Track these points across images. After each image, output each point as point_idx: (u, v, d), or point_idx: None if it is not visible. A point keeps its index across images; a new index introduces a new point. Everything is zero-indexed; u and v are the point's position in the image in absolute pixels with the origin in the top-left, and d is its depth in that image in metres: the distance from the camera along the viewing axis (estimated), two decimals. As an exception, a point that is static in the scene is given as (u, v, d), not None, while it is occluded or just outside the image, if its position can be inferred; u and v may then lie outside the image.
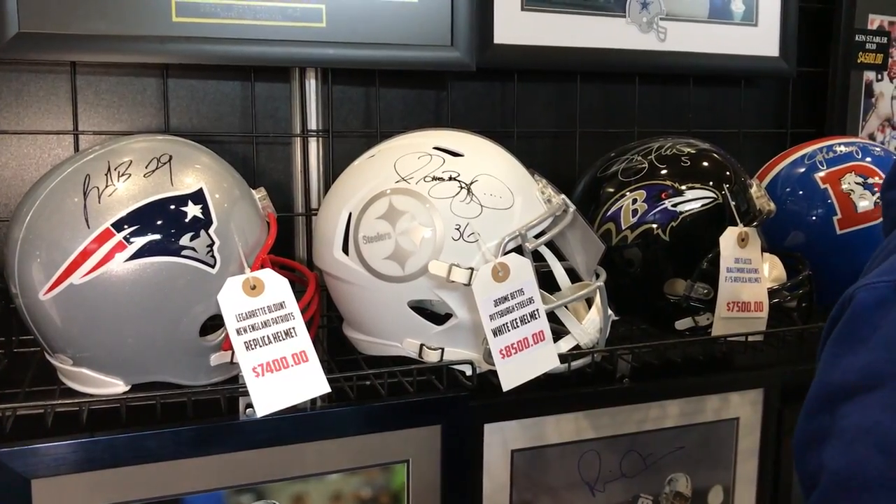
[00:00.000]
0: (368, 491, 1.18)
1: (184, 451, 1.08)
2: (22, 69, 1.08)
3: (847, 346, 0.56)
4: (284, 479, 1.13)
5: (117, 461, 1.05)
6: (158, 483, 1.08)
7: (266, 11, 1.10)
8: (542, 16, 1.27)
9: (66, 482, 1.04)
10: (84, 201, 0.80)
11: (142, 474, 1.06)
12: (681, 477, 1.46)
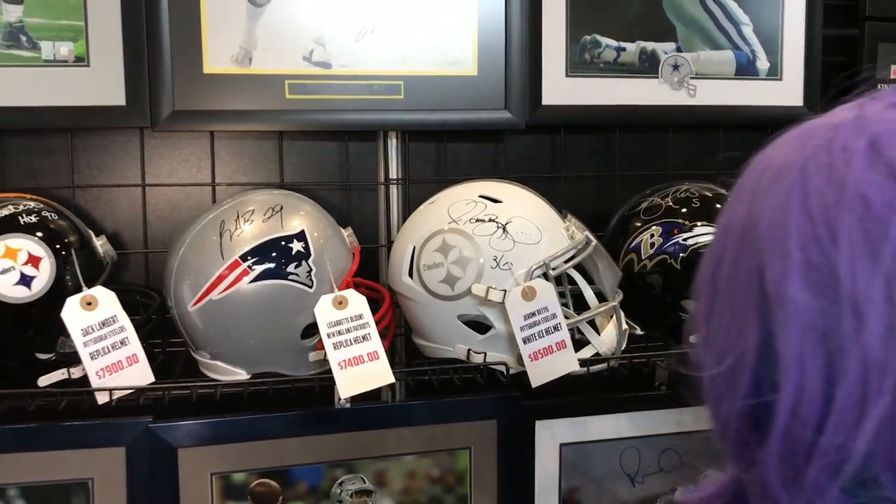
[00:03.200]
0: (437, 472, 1.44)
1: (292, 431, 1.38)
2: (175, 137, 1.42)
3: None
4: (369, 458, 1.41)
5: (241, 437, 1.36)
6: (272, 456, 1.38)
7: (357, 89, 1.40)
8: (584, 80, 1.52)
9: (203, 452, 1.36)
10: (220, 240, 1.12)
11: (259, 448, 1.37)
12: (715, 475, 1.66)
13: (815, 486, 0.44)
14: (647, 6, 1.54)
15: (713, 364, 0.49)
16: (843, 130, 0.47)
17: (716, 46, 1.58)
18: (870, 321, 0.42)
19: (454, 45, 1.43)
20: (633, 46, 1.54)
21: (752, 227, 0.47)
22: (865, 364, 0.42)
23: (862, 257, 0.43)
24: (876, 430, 0.42)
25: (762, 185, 0.48)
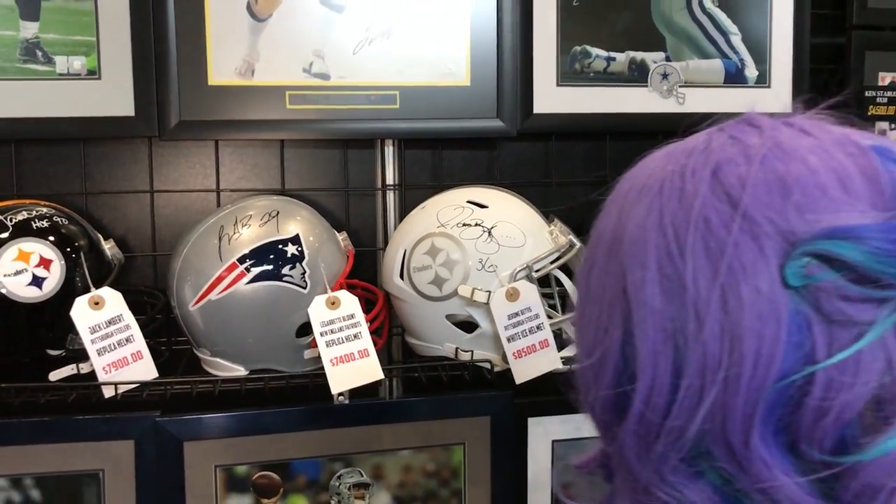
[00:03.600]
0: (432, 466, 1.50)
1: (293, 426, 1.44)
2: (181, 146, 1.49)
3: None
4: (367, 452, 1.47)
5: (244, 431, 1.43)
6: (273, 450, 1.45)
7: (354, 99, 1.47)
8: (575, 89, 1.57)
9: (208, 445, 1.43)
10: (219, 243, 1.19)
11: (262, 442, 1.44)
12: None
13: (660, 458, 0.51)
14: (637, 17, 1.59)
15: (584, 356, 0.56)
16: (694, 157, 0.53)
17: (704, 55, 1.63)
18: (708, 324, 0.48)
19: (448, 57, 1.49)
20: (623, 56, 1.59)
21: (617, 239, 0.54)
22: (703, 359, 0.48)
23: (703, 270, 0.49)
24: (709, 413, 0.49)
25: (628, 202, 0.55)
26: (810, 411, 0.48)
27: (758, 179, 0.50)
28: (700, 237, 0.49)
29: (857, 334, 0.48)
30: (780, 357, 0.47)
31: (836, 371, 0.47)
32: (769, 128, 0.55)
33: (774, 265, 0.48)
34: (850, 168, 0.51)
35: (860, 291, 0.48)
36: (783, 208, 0.49)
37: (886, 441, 0.47)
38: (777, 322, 0.47)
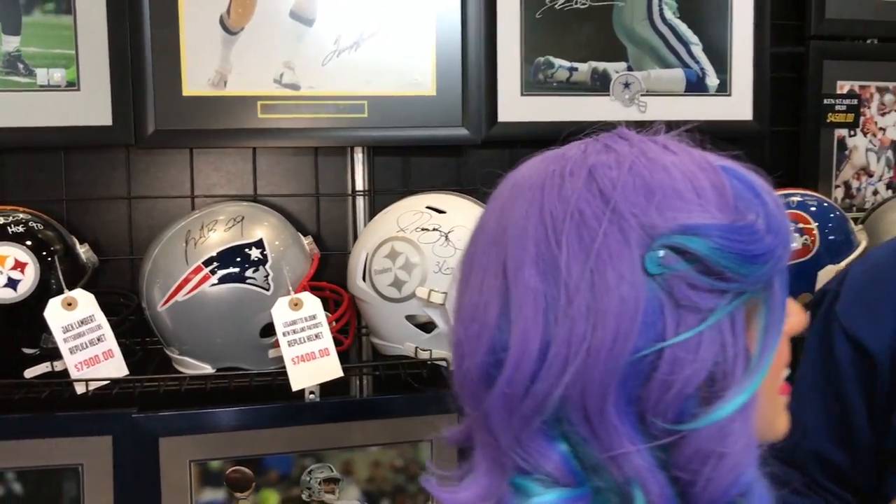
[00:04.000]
0: (400, 462, 1.56)
1: (265, 423, 1.50)
2: (158, 154, 1.55)
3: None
4: (337, 449, 1.53)
5: (218, 428, 1.49)
6: (246, 446, 1.51)
7: (324, 108, 1.53)
8: (538, 98, 1.63)
9: (183, 441, 1.49)
10: (185, 247, 1.25)
11: (235, 438, 1.50)
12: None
13: (522, 422, 0.57)
14: (599, 29, 1.65)
15: (462, 329, 0.61)
16: (572, 161, 0.59)
17: (666, 65, 1.69)
18: (576, 302, 0.55)
19: (414, 68, 1.55)
20: (586, 66, 1.65)
21: (501, 226, 0.60)
22: (570, 333, 0.55)
23: (576, 256, 0.55)
24: (572, 381, 0.55)
25: (512, 196, 0.61)
26: (658, 384, 0.54)
27: (626, 181, 0.56)
28: (575, 227, 0.56)
29: (700, 319, 0.55)
30: (635, 334, 0.54)
31: (681, 350, 0.54)
32: (637, 141, 0.61)
33: (637, 254, 0.55)
34: (703, 180, 0.58)
35: (705, 282, 0.55)
36: (646, 207, 0.55)
37: (716, 412, 0.54)
38: (635, 303, 0.54)
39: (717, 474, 0.55)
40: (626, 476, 0.55)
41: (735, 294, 0.56)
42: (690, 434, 0.54)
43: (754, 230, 0.57)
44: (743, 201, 0.58)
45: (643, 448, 0.55)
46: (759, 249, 0.56)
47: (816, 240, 1.50)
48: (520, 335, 0.56)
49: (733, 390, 0.55)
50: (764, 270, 0.57)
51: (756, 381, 0.56)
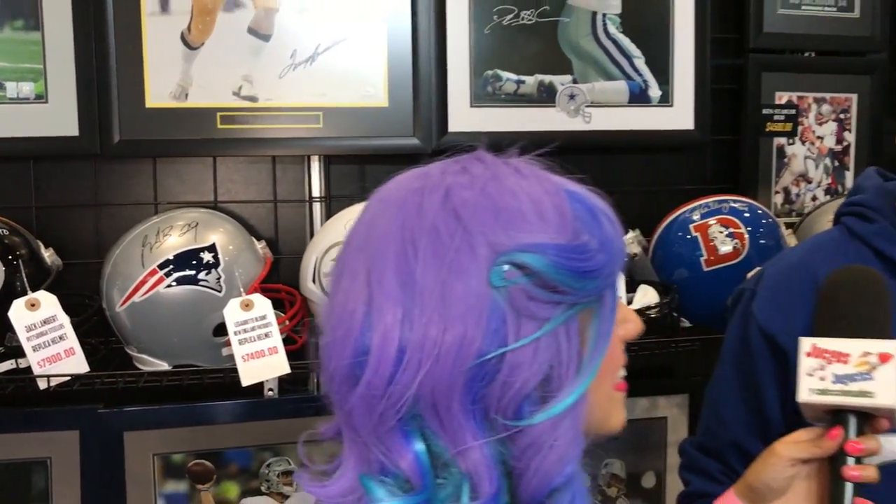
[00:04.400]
0: (355, 455, 1.64)
1: (226, 418, 1.59)
2: (123, 163, 1.63)
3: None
4: (295, 443, 1.61)
5: (180, 423, 1.57)
6: (208, 440, 1.59)
7: (282, 119, 1.61)
8: (487, 109, 1.71)
9: (147, 435, 1.57)
10: (142, 251, 1.34)
11: (197, 433, 1.58)
12: (616, 462, 1.84)
13: (380, 419, 0.62)
14: (545, 43, 1.73)
15: (331, 333, 0.66)
16: (431, 180, 0.66)
17: (610, 77, 1.77)
18: (429, 310, 0.61)
19: (367, 81, 1.63)
20: (532, 79, 1.73)
21: (367, 239, 0.66)
22: (424, 338, 0.61)
23: (430, 268, 0.62)
24: (424, 381, 0.61)
25: (378, 211, 0.67)
26: (500, 385, 0.62)
27: (478, 202, 0.64)
28: (430, 242, 0.63)
29: (537, 327, 0.62)
30: (480, 340, 0.61)
31: (521, 354, 0.61)
32: (492, 164, 0.68)
33: (484, 269, 0.62)
34: (546, 203, 0.65)
35: (542, 294, 0.62)
36: (494, 226, 0.63)
37: (550, 409, 0.62)
38: (481, 312, 0.61)
39: (546, 463, 0.62)
40: (466, 469, 0.62)
41: (569, 305, 0.64)
42: (527, 428, 0.62)
43: (587, 249, 0.64)
44: (581, 222, 0.65)
45: (485, 442, 0.62)
46: (591, 266, 0.64)
47: (747, 244, 1.58)
48: (379, 340, 0.62)
49: (566, 390, 0.63)
50: (595, 285, 0.65)
51: (586, 382, 0.64)
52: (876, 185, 1.15)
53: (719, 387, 1.22)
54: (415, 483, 0.64)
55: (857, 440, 0.85)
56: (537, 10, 1.72)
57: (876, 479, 0.85)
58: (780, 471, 0.89)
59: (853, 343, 0.86)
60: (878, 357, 0.84)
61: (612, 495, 1.83)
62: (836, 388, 0.85)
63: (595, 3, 1.75)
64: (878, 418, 0.86)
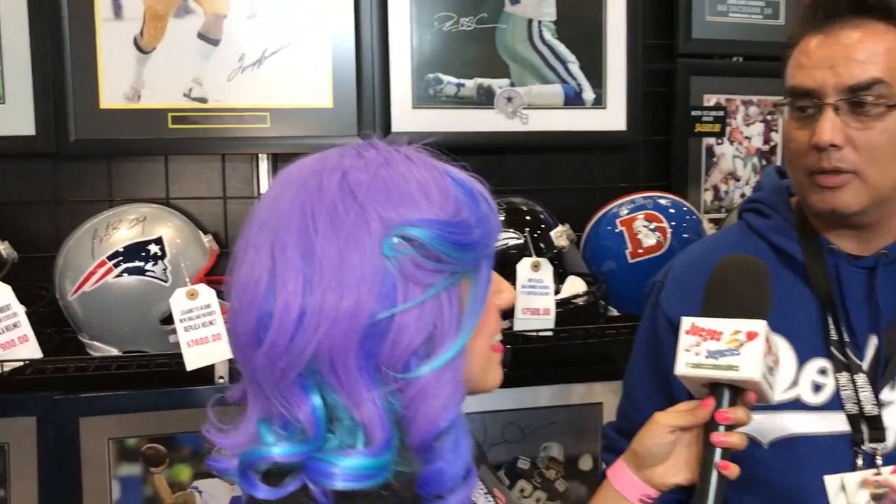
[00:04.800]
0: (302, 439, 1.73)
1: (177, 404, 1.67)
2: (80, 161, 1.71)
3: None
4: (243, 428, 1.70)
5: (134, 409, 1.65)
6: (161, 425, 1.67)
7: (230, 119, 1.69)
8: (428, 111, 1.80)
9: (101, 421, 1.65)
10: (92, 243, 1.42)
11: (150, 418, 1.66)
12: (554, 445, 1.93)
13: (282, 374, 0.71)
14: (483, 49, 1.83)
15: (237, 300, 0.74)
16: (330, 162, 0.75)
17: (545, 81, 1.87)
18: (327, 277, 0.70)
19: (312, 83, 1.72)
20: (472, 83, 1.83)
21: (270, 216, 0.74)
22: (322, 301, 0.70)
23: (329, 241, 0.71)
24: (322, 339, 0.70)
25: (280, 190, 0.76)
26: (390, 342, 0.71)
27: (371, 183, 0.73)
28: (329, 217, 0.71)
29: (423, 291, 0.72)
30: (373, 303, 0.70)
31: (409, 315, 0.71)
32: (384, 150, 0.77)
33: (377, 241, 0.71)
34: (432, 185, 0.75)
35: (428, 263, 0.72)
36: (385, 204, 0.72)
37: (434, 362, 0.72)
38: (374, 279, 0.70)
39: (433, 410, 0.72)
40: (360, 419, 0.71)
41: (450, 273, 0.73)
42: (414, 380, 0.71)
43: (467, 225, 0.74)
44: (461, 202, 0.75)
45: (377, 394, 0.71)
46: (470, 240, 0.74)
47: (669, 237, 1.69)
48: (282, 305, 0.71)
49: (447, 346, 0.73)
50: (473, 256, 0.75)
51: (463, 340, 0.74)
52: (773, 183, 1.25)
53: (633, 372, 1.32)
54: (309, 432, 0.72)
55: (727, 410, 0.94)
56: (476, 17, 1.82)
57: (742, 446, 0.95)
58: (660, 437, 0.99)
59: (726, 322, 0.95)
60: (746, 335, 0.93)
61: (551, 477, 1.93)
62: (709, 362, 0.94)
63: (531, 10, 1.85)
64: (746, 391, 0.95)
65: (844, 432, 1.10)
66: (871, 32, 1.05)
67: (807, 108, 1.07)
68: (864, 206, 1.07)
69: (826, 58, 1.05)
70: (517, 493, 1.90)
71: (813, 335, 1.13)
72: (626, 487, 1.02)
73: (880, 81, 1.03)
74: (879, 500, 1.08)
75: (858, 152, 1.05)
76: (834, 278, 1.13)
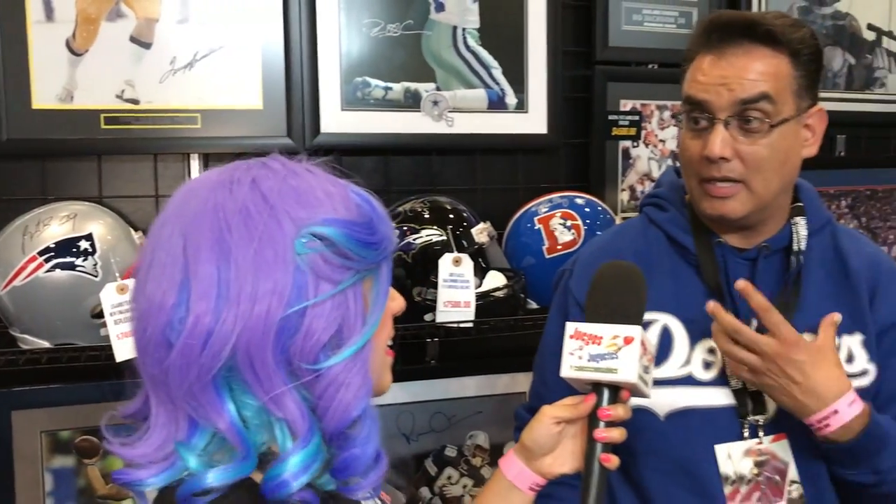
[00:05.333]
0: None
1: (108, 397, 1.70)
2: (12, 160, 1.74)
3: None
4: (176, 420, 1.74)
5: (66, 402, 1.69)
6: (93, 417, 1.70)
7: (163, 120, 1.74)
8: (356, 113, 1.88)
9: (34, 414, 1.68)
10: (23, 240, 1.46)
11: (82, 411, 1.70)
12: (480, 434, 2.02)
13: (196, 377, 0.73)
14: (410, 54, 1.91)
15: (147, 303, 0.75)
16: (239, 172, 0.79)
17: (470, 86, 1.96)
18: (243, 276, 0.73)
19: (243, 86, 1.78)
20: (399, 86, 1.91)
21: (180, 219, 0.76)
22: (239, 299, 0.72)
23: (244, 242, 0.74)
24: (239, 337, 0.72)
25: (189, 199, 0.78)
26: (303, 336, 0.74)
27: (282, 189, 0.77)
28: (242, 220, 0.75)
29: (332, 287, 0.76)
30: (287, 298, 0.73)
31: (319, 309, 0.75)
32: (287, 163, 0.82)
33: (289, 239, 0.75)
34: (335, 191, 0.80)
35: (337, 260, 0.77)
36: (296, 206, 0.77)
37: (343, 354, 0.76)
38: (287, 276, 0.74)
39: (346, 399, 0.76)
40: (282, 414, 0.74)
41: (356, 271, 0.78)
42: (325, 371, 0.76)
43: (371, 225, 0.80)
44: (363, 209, 0.81)
45: (293, 387, 0.75)
46: (374, 239, 0.80)
47: (583, 234, 1.79)
48: (197, 304, 0.72)
49: (354, 339, 0.77)
50: (376, 256, 0.80)
51: (369, 332, 0.79)
52: (671, 181, 1.36)
53: (544, 354, 1.41)
54: (237, 447, 0.74)
55: (607, 408, 1.03)
56: (402, 24, 1.90)
57: (621, 440, 1.04)
58: (546, 429, 1.06)
59: (606, 327, 1.04)
60: (624, 340, 1.02)
61: (477, 464, 2.01)
62: (590, 365, 1.03)
63: (455, 18, 1.93)
64: (624, 390, 1.04)
65: (731, 405, 1.22)
66: (759, 56, 1.15)
67: (700, 121, 1.18)
68: (749, 212, 1.19)
69: (719, 77, 1.16)
70: (445, 480, 1.98)
71: (704, 319, 1.22)
72: (517, 477, 1.09)
73: (767, 96, 1.14)
74: (762, 466, 1.20)
75: (745, 164, 1.16)
76: (722, 268, 1.25)
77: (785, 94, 1.16)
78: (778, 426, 1.21)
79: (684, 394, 1.22)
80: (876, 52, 2.40)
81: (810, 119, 1.21)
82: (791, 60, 1.16)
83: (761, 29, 1.16)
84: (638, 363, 1.01)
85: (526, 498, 1.09)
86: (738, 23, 1.17)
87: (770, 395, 1.17)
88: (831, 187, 2.35)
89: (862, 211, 2.41)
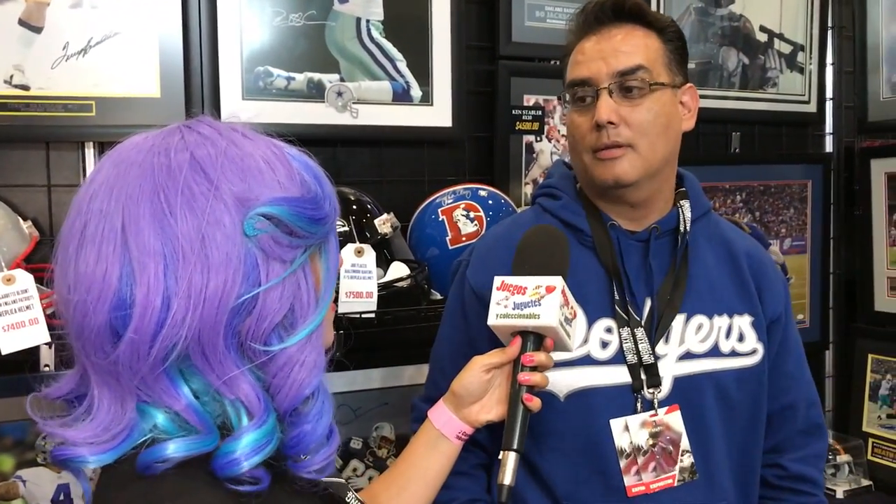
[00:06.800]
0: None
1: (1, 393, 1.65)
2: None
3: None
4: (69, 416, 1.70)
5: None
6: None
7: (53, 107, 1.69)
8: (259, 103, 1.86)
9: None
10: None
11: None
12: (386, 425, 2.02)
13: (151, 366, 0.70)
14: (312, 44, 1.90)
15: (83, 292, 0.70)
16: (173, 146, 0.74)
17: (374, 78, 1.96)
18: (192, 261, 0.69)
19: (139, 73, 1.74)
20: (302, 77, 1.89)
21: (113, 201, 0.72)
22: (189, 286, 0.69)
23: (189, 224, 0.70)
24: (192, 324, 0.69)
25: (120, 174, 0.73)
26: (255, 319, 0.72)
27: (225, 165, 0.74)
28: (186, 201, 0.70)
29: (284, 268, 0.75)
30: (239, 282, 0.71)
31: (272, 292, 0.74)
32: (222, 129, 0.78)
33: (237, 221, 0.72)
34: (279, 165, 0.77)
35: (286, 239, 0.75)
36: (242, 185, 0.73)
37: (297, 335, 0.75)
38: (238, 259, 0.71)
39: (299, 376, 0.75)
40: (235, 395, 0.72)
41: (305, 248, 0.76)
42: (279, 353, 0.74)
43: (317, 200, 0.78)
44: (304, 178, 0.78)
45: (246, 369, 0.73)
46: (320, 214, 0.78)
47: (485, 225, 1.81)
48: (144, 292, 0.69)
49: (308, 319, 0.76)
50: (324, 229, 0.79)
51: (322, 311, 0.78)
52: (561, 172, 1.42)
53: (442, 343, 1.43)
54: (197, 426, 0.72)
55: (531, 354, 1.09)
56: (305, 14, 1.89)
57: (544, 384, 1.11)
58: (476, 376, 1.12)
59: (530, 279, 1.11)
60: (546, 289, 1.09)
61: (383, 456, 2.02)
62: (515, 313, 1.10)
63: (359, 9, 1.93)
64: (548, 339, 1.10)
65: (627, 382, 1.27)
66: (631, 32, 1.28)
67: (585, 98, 1.27)
68: (639, 175, 1.26)
69: (598, 52, 1.26)
70: (350, 473, 1.98)
71: (600, 299, 1.30)
72: (445, 425, 1.14)
73: (642, 67, 1.25)
74: (657, 437, 1.26)
75: (631, 128, 1.24)
76: (616, 250, 1.30)
77: (658, 66, 1.27)
78: (671, 398, 1.28)
79: (583, 374, 1.27)
80: (768, 53, 2.51)
81: (685, 96, 1.32)
82: (658, 36, 1.29)
83: (629, 5, 1.28)
84: (559, 310, 1.07)
85: (453, 447, 1.14)
86: (607, 4, 1.28)
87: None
88: (727, 182, 2.44)
89: (756, 206, 2.51)
